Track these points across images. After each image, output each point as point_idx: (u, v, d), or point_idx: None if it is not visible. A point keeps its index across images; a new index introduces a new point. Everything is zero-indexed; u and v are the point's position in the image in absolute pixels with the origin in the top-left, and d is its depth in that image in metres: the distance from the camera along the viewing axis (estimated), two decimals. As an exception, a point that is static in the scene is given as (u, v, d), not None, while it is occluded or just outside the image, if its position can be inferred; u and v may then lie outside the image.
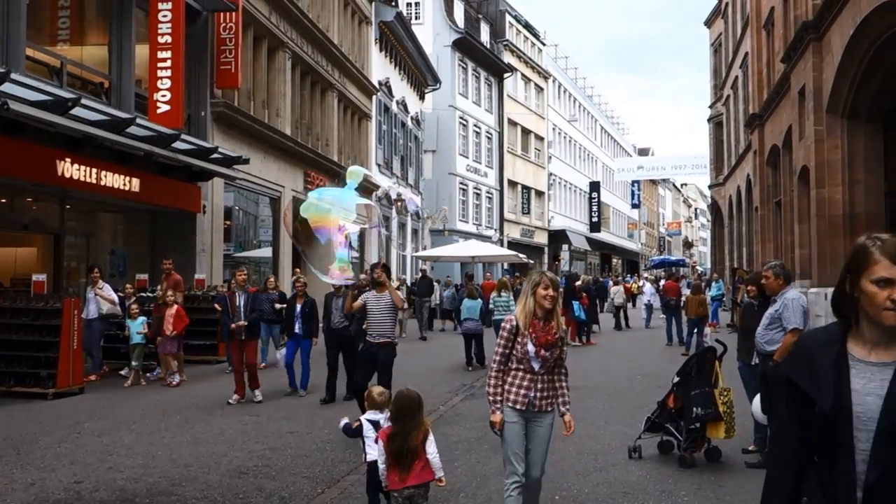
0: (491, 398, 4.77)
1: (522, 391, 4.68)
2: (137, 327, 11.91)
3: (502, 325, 4.81)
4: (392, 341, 8.68)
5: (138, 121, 12.66)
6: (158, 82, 13.99)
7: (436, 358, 15.98)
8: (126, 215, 15.82)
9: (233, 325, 10.31)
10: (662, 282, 31.16)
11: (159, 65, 13.97)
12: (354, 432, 5.38)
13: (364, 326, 8.87)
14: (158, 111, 13.93)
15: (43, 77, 12.10)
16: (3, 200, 12.77)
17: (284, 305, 12.65)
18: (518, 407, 4.68)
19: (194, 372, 12.28)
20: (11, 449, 7.63)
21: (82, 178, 12.25)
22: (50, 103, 10.87)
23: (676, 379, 7.24)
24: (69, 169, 11.96)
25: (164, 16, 13.96)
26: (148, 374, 12.36)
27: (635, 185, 68.32)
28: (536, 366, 4.68)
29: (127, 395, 11.07)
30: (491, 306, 14.71)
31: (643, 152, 79.47)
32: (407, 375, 12.82)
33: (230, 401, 10.17)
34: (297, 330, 10.95)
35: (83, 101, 11.45)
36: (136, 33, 14.31)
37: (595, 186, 59.60)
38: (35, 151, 11.37)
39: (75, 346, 10.83)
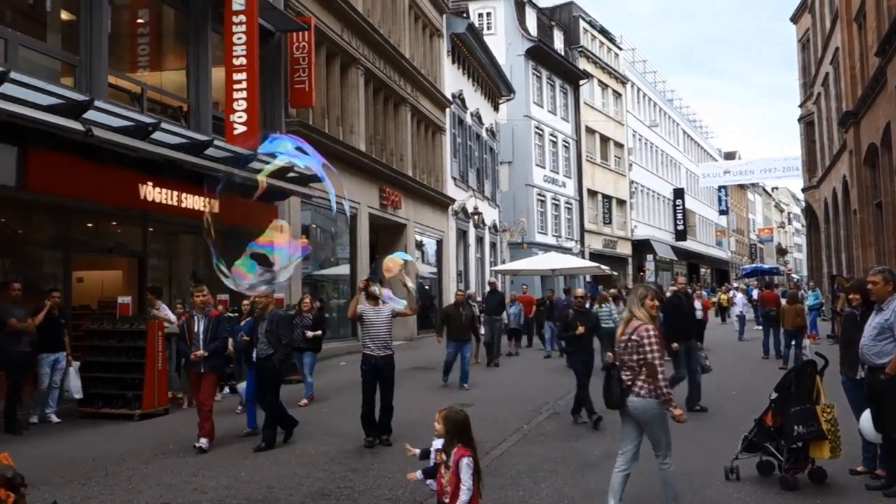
0: (671, 397, 5.50)
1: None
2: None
3: (651, 333, 5.44)
4: (393, 352, 8.61)
5: (216, 142, 12.84)
6: (234, 104, 14.19)
7: (517, 374, 15.65)
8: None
9: (192, 355, 8.89)
10: (755, 291, 30.04)
11: (235, 86, 14.16)
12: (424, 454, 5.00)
13: (362, 339, 8.60)
14: (235, 132, 14.09)
15: (124, 103, 12.42)
16: (90, 225, 13.11)
17: (319, 332, 12.13)
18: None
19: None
20: (100, 470, 7.74)
21: (163, 201, 12.53)
22: (131, 128, 11.14)
23: (774, 395, 6.82)
24: (151, 192, 12.24)
25: (239, 38, 14.16)
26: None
27: (722, 190, 66.24)
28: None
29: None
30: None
31: (729, 156, 77.19)
32: (487, 394, 12.61)
33: (200, 445, 8.62)
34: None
35: (163, 125, 11.68)
36: (212, 56, 14.59)
37: (679, 193, 58.05)
38: (118, 176, 11.65)
39: (160, 367, 10.97)
